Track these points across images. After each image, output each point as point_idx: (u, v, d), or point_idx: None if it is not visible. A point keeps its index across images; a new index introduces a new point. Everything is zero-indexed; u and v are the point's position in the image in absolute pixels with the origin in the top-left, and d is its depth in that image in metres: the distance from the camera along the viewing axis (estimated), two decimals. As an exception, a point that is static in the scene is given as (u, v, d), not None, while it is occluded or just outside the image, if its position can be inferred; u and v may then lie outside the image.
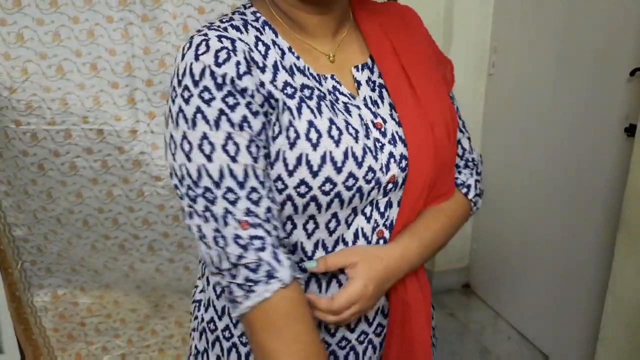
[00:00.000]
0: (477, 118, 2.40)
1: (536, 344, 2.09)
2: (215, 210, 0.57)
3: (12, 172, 1.34)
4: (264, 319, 0.57)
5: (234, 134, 0.57)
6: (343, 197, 0.63)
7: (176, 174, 0.59)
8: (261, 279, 0.56)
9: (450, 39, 2.27)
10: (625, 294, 1.43)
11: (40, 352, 1.62)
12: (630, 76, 1.55)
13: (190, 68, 0.57)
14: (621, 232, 1.42)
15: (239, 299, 0.57)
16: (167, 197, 1.39)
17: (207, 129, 0.57)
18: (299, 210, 0.63)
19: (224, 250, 0.57)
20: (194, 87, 0.57)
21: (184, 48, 0.59)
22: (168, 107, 0.60)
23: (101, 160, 1.32)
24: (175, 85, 0.58)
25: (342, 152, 0.61)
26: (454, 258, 2.58)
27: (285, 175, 0.60)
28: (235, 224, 0.57)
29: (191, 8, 1.28)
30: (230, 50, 0.58)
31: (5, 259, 1.47)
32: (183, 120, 0.57)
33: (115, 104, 1.29)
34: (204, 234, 0.58)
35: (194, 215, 0.58)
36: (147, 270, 1.50)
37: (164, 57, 1.30)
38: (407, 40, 0.75)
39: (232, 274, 0.57)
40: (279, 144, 0.60)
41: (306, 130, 0.61)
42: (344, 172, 0.62)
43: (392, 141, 0.67)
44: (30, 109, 1.25)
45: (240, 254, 0.56)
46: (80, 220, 1.40)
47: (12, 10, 1.19)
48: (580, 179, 1.80)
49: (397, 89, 0.70)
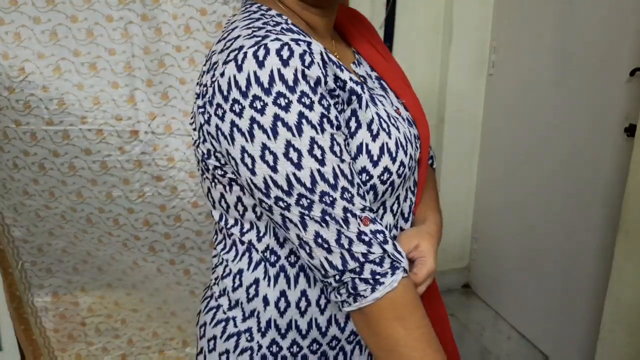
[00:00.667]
0: (477, 118, 2.40)
1: (536, 344, 2.09)
2: (335, 213, 0.57)
3: (7, 174, 1.33)
4: (389, 308, 0.59)
5: (335, 134, 0.58)
6: (407, 176, 0.69)
7: (277, 185, 0.57)
8: (387, 270, 0.59)
9: (450, 39, 2.27)
10: (625, 294, 1.43)
11: (40, 352, 1.62)
12: (630, 76, 1.55)
13: (280, 74, 0.55)
14: (621, 233, 1.42)
15: (364, 293, 0.59)
16: (168, 198, 1.39)
17: (314, 133, 0.56)
18: (378, 197, 0.66)
19: (350, 251, 0.58)
20: (291, 94, 0.55)
21: (239, 59, 0.56)
22: (229, 122, 0.57)
23: (100, 161, 1.32)
24: (240, 97, 0.55)
25: (403, 136, 0.68)
26: (454, 258, 2.57)
27: (370, 167, 0.63)
28: (357, 222, 0.58)
29: (193, 9, 1.28)
30: (310, 52, 0.57)
31: (5, 259, 1.47)
32: (284, 128, 0.55)
33: (115, 104, 1.29)
34: (324, 239, 0.58)
35: (308, 223, 0.58)
36: (150, 269, 1.50)
37: (163, 57, 1.30)
38: (370, 33, 0.82)
39: (357, 271, 0.58)
40: (360, 137, 0.63)
41: (379, 122, 0.65)
42: (408, 153, 0.68)
43: (409, 124, 0.74)
44: (28, 108, 1.25)
45: (367, 250, 0.58)
46: (83, 218, 1.40)
47: (9, 9, 1.19)
48: (580, 179, 1.80)
49: (392, 78, 0.78)
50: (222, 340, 0.73)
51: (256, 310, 0.71)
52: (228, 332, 0.73)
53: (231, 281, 0.73)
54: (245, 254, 0.71)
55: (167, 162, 1.35)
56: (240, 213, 0.69)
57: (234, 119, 0.57)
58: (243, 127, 0.56)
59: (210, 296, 0.78)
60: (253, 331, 0.71)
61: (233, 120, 0.57)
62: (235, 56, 0.56)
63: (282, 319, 0.70)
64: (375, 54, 0.80)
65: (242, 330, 0.72)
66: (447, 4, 2.27)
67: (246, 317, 0.72)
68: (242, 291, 0.72)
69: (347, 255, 0.58)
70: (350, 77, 0.63)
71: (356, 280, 0.59)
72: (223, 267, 0.74)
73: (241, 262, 0.72)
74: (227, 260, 0.73)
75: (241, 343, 0.71)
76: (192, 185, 1.38)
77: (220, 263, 0.75)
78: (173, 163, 1.35)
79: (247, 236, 0.70)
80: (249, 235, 0.70)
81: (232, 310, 0.73)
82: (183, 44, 1.30)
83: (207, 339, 0.75)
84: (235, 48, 0.57)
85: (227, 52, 0.58)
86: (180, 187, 1.37)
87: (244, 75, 0.55)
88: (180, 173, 1.36)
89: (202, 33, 1.30)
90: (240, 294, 0.72)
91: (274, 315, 0.70)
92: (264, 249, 0.70)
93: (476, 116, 2.40)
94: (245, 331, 0.71)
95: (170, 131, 1.34)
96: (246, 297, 0.71)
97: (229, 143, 0.58)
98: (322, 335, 0.71)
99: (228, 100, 0.56)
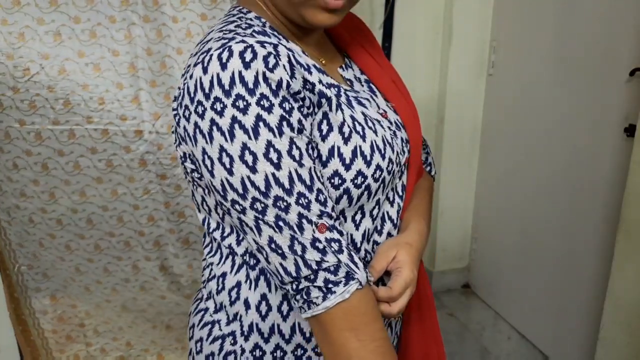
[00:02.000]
0: (476, 118, 2.40)
1: (536, 344, 2.09)
2: (289, 218, 0.56)
3: (4, 175, 1.33)
4: (342, 318, 0.58)
5: (296, 138, 0.57)
6: (386, 180, 0.68)
7: (233, 188, 0.57)
8: (341, 280, 0.58)
9: (450, 39, 2.27)
10: (624, 294, 1.43)
11: (38, 353, 1.62)
12: (630, 76, 1.55)
13: (241, 76, 0.55)
14: (621, 233, 1.43)
15: (317, 300, 0.58)
16: (172, 195, 1.40)
17: (272, 137, 0.55)
18: (353, 202, 0.65)
19: (303, 258, 0.57)
20: (250, 96, 0.55)
21: (205, 61, 0.56)
22: (193, 123, 0.57)
23: (106, 159, 1.33)
24: (203, 99, 0.56)
25: (382, 139, 0.66)
26: (454, 258, 2.58)
27: (342, 170, 0.62)
28: (312, 228, 0.57)
29: (194, 14, 1.29)
30: (275, 55, 0.57)
31: (3, 261, 1.47)
32: (241, 131, 0.55)
33: (120, 104, 1.30)
34: (277, 245, 0.57)
35: (262, 227, 0.57)
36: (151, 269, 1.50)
37: (164, 58, 1.30)
38: (369, 41, 0.82)
39: (310, 279, 0.58)
40: (332, 140, 0.62)
41: (352, 124, 0.64)
42: (386, 157, 0.66)
43: (397, 128, 0.73)
44: (34, 108, 1.25)
45: (320, 258, 0.57)
46: (84, 219, 1.40)
47: (12, 10, 1.19)
48: (580, 179, 1.80)
49: (382, 81, 0.77)
50: (207, 343, 0.73)
51: (238, 314, 0.71)
52: (213, 334, 0.73)
53: (215, 284, 0.73)
54: (228, 257, 0.71)
55: (170, 161, 1.36)
56: (220, 216, 0.69)
57: (197, 121, 0.56)
58: (204, 128, 0.56)
59: (200, 298, 0.78)
60: (237, 335, 0.71)
61: (196, 122, 0.57)
62: (203, 58, 0.57)
63: (264, 322, 0.69)
64: (367, 57, 0.79)
65: (226, 333, 0.71)
66: (447, 4, 2.27)
67: (230, 320, 0.72)
68: (224, 294, 0.71)
69: (301, 261, 0.57)
70: (320, 79, 0.63)
71: (310, 287, 0.58)
72: (209, 270, 0.74)
73: (224, 265, 0.71)
74: (212, 264, 0.73)
75: (225, 346, 0.71)
76: (196, 183, 1.39)
77: (207, 266, 0.75)
78: (176, 162, 1.36)
79: (227, 240, 0.70)
80: (229, 239, 0.70)
81: (217, 313, 0.73)
82: (184, 47, 1.31)
83: (195, 340, 0.75)
84: (204, 51, 0.58)
85: (197, 55, 0.59)
86: (184, 185, 1.39)
87: (208, 77, 0.55)
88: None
89: (202, 37, 1.31)
90: (223, 297, 0.72)
91: (256, 319, 0.69)
92: (243, 253, 0.69)
93: (476, 116, 2.40)
94: (229, 334, 0.71)
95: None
96: (229, 300, 0.71)
97: (193, 145, 0.58)
98: (306, 341, 0.70)
99: (194, 102, 0.57)
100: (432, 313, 0.83)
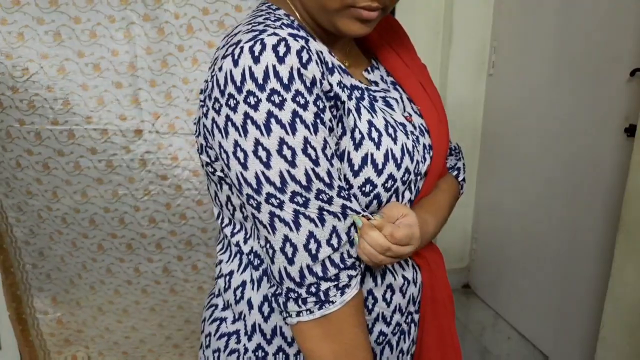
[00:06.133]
0: (477, 118, 2.40)
1: (536, 344, 2.09)
2: (332, 208, 0.58)
3: (10, 173, 1.33)
4: (333, 325, 0.59)
5: (327, 137, 0.58)
6: (399, 191, 0.66)
7: (270, 182, 0.56)
8: (340, 289, 0.59)
9: (450, 39, 2.27)
10: (625, 294, 1.43)
11: (36, 354, 1.62)
12: (630, 76, 1.55)
13: (275, 71, 0.54)
14: (621, 233, 1.43)
15: (313, 309, 0.59)
16: (173, 196, 1.39)
17: (308, 134, 0.55)
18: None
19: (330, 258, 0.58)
20: (286, 92, 0.54)
21: (236, 54, 0.56)
22: (224, 116, 0.57)
23: (106, 160, 1.33)
24: (234, 92, 0.55)
25: (400, 149, 0.64)
26: (454, 258, 2.58)
27: (350, 176, 0.62)
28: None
29: (195, 9, 1.28)
30: (307, 49, 0.56)
31: (8, 259, 1.47)
32: (278, 125, 0.55)
33: (119, 103, 1.29)
34: (316, 239, 0.58)
35: (301, 222, 0.57)
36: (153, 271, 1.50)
37: (166, 57, 1.30)
38: (399, 41, 0.80)
39: (315, 287, 0.59)
40: (343, 144, 0.61)
41: (368, 130, 0.62)
42: (402, 166, 0.65)
43: (421, 133, 0.72)
44: (33, 108, 1.25)
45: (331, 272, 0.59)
46: (86, 219, 1.40)
47: (12, 9, 1.19)
48: (580, 180, 1.80)
49: (408, 82, 0.75)
50: (215, 339, 0.74)
51: (242, 313, 0.71)
52: (220, 331, 0.73)
53: (223, 282, 0.73)
54: (236, 255, 0.71)
55: (171, 161, 1.36)
56: (231, 212, 0.69)
57: (229, 113, 0.56)
58: (237, 121, 0.56)
59: (213, 294, 0.78)
60: (240, 334, 0.71)
61: (228, 114, 0.56)
62: (233, 51, 0.56)
63: (266, 324, 0.69)
64: (394, 59, 0.78)
65: (231, 331, 0.72)
66: (447, 4, 2.27)
67: (235, 319, 0.72)
68: (230, 293, 0.72)
69: (307, 269, 0.58)
70: (341, 81, 0.62)
71: (307, 295, 0.59)
72: (220, 267, 0.75)
73: (232, 263, 0.72)
74: (222, 261, 0.74)
75: (230, 344, 0.72)
76: (196, 183, 1.39)
77: (218, 263, 0.75)
78: (177, 162, 1.36)
79: (236, 237, 0.70)
80: (238, 237, 0.70)
81: (224, 311, 0.74)
82: (185, 44, 1.30)
83: (205, 334, 0.76)
84: (234, 43, 0.58)
85: (226, 47, 0.59)
86: (184, 185, 1.38)
87: (239, 70, 0.55)
88: (184, 172, 1.37)
89: (204, 32, 1.30)
90: (229, 296, 0.72)
91: (259, 320, 0.69)
92: (248, 252, 0.70)
93: (476, 116, 2.40)
94: (233, 333, 0.72)
95: (174, 130, 1.34)
96: (234, 299, 0.71)
97: (223, 136, 0.58)
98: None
99: (224, 95, 0.56)
100: (451, 319, 0.82)
